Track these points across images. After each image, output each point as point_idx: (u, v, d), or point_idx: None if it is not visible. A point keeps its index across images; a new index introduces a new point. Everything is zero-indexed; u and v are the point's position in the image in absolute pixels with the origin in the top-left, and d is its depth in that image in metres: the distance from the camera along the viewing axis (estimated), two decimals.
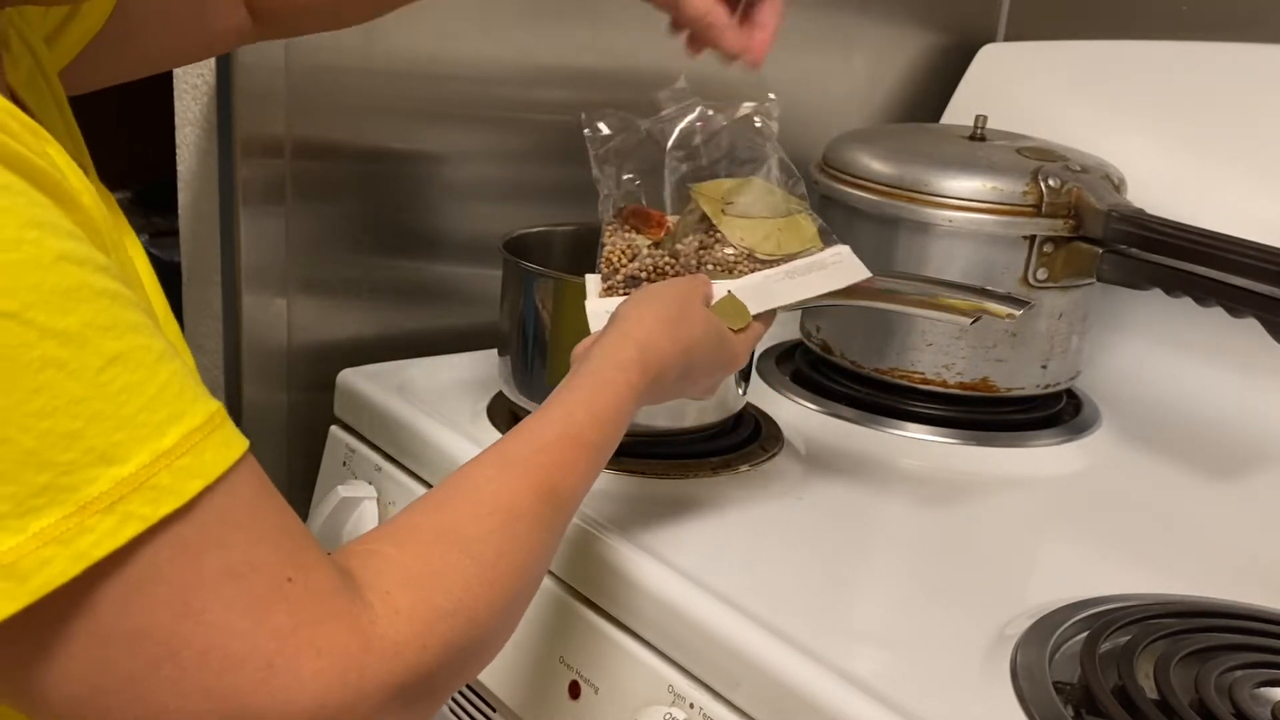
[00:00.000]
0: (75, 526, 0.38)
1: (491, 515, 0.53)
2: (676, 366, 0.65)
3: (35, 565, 0.37)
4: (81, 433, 0.38)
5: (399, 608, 0.46)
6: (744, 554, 0.74)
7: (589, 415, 0.59)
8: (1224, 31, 1.13)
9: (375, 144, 1.01)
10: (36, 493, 0.37)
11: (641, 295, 0.68)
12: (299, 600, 0.43)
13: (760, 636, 0.63)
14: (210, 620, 0.41)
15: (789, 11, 0.92)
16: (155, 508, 0.39)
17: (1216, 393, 1.02)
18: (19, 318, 0.36)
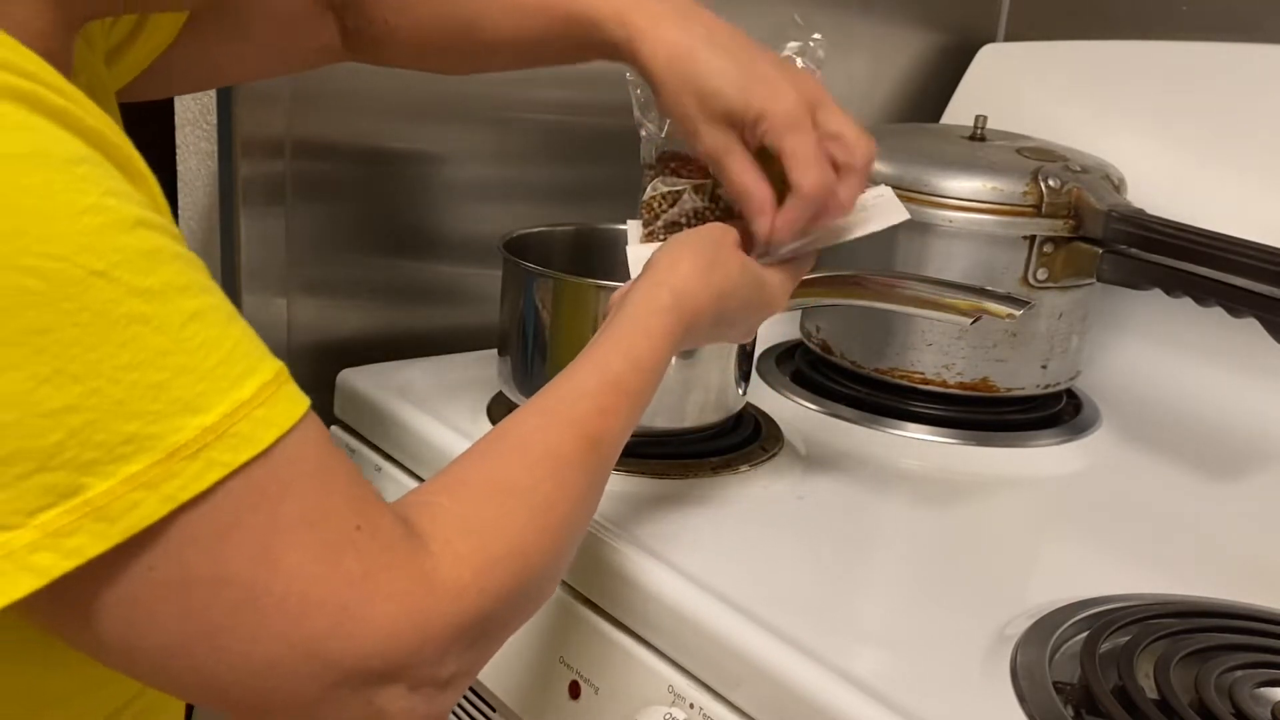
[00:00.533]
0: (163, 472, 0.40)
1: (540, 463, 0.54)
2: (711, 310, 0.65)
3: (125, 508, 0.39)
4: (167, 384, 0.40)
5: (459, 553, 0.48)
6: (744, 554, 0.74)
7: (627, 362, 0.59)
8: (1224, 31, 1.13)
9: (375, 144, 1.01)
10: (125, 440, 0.39)
11: (675, 241, 0.67)
12: (367, 547, 0.45)
13: (760, 636, 0.63)
14: (287, 566, 0.43)
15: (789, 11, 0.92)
16: (235, 454, 0.41)
17: (1216, 393, 1.02)
18: (107, 276, 0.39)
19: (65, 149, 0.40)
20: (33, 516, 0.38)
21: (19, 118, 0.39)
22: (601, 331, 0.62)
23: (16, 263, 0.37)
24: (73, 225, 0.39)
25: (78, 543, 0.39)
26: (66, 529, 0.39)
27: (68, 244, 0.38)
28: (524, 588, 0.51)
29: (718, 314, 0.65)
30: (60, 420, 0.38)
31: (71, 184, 0.39)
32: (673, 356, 0.63)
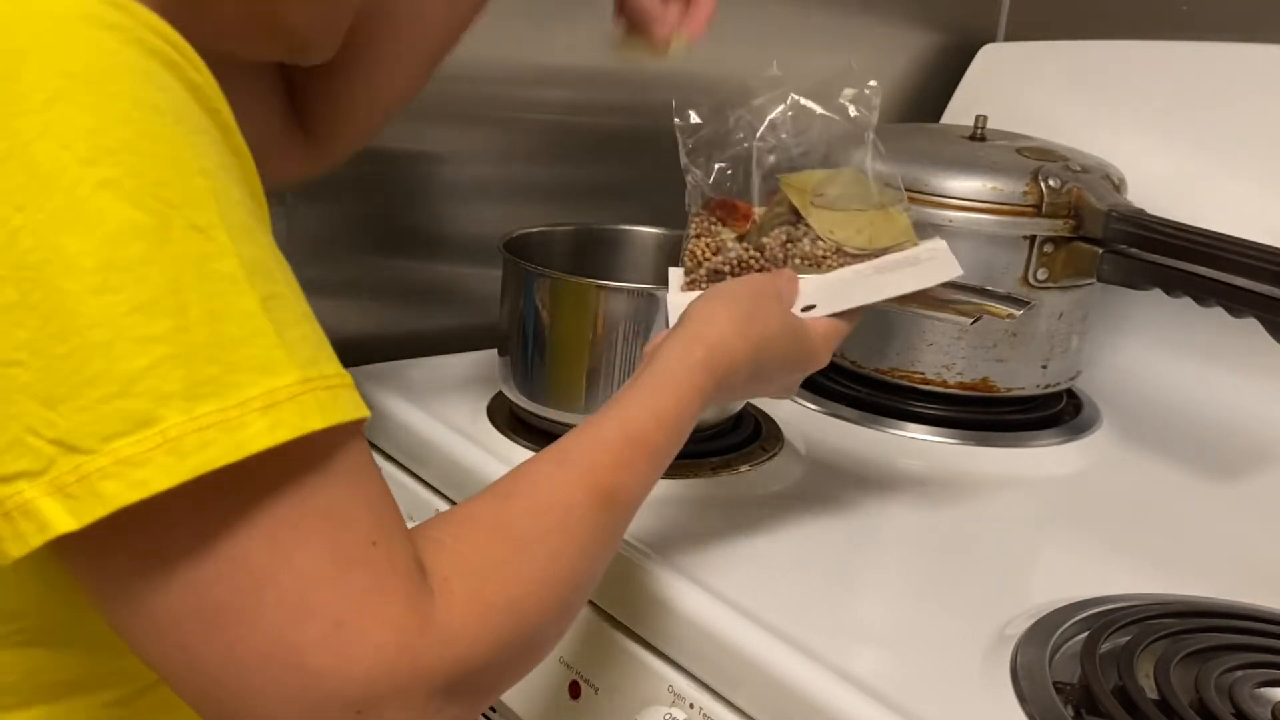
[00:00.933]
0: (236, 418, 0.40)
1: (548, 514, 0.53)
2: (747, 366, 0.63)
3: (197, 445, 0.40)
4: (247, 340, 0.41)
5: (455, 598, 0.46)
6: (744, 554, 0.74)
7: (651, 416, 0.58)
8: (1224, 31, 1.13)
9: (375, 144, 1.01)
10: (204, 381, 0.40)
11: (714, 292, 0.66)
12: (378, 566, 0.44)
13: (760, 636, 0.63)
14: (298, 562, 0.42)
15: (790, 11, 0.92)
16: (304, 420, 0.42)
17: (1216, 393, 1.02)
18: (206, 233, 0.41)
19: (194, 118, 0.43)
20: (107, 441, 0.39)
21: (164, 79, 0.42)
22: (631, 382, 0.61)
23: (135, 198, 0.40)
24: (189, 181, 0.41)
25: (145, 474, 0.39)
26: (137, 459, 0.39)
27: (181, 194, 0.41)
28: (518, 642, 0.49)
29: (754, 369, 0.64)
30: (148, 348, 0.39)
31: (193, 145, 0.42)
32: (702, 412, 0.61)
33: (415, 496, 0.87)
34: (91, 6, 0.41)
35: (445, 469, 0.85)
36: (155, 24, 0.43)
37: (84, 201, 0.39)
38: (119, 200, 0.40)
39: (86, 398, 0.39)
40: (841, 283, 0.71)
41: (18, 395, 0.39)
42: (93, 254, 0.39)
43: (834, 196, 0.73)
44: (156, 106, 0.41)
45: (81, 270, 0.39)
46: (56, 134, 0.39)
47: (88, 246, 0.39)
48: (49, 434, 0.39)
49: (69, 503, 0.39)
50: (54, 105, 0.40)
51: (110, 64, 0.41)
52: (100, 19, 0.41)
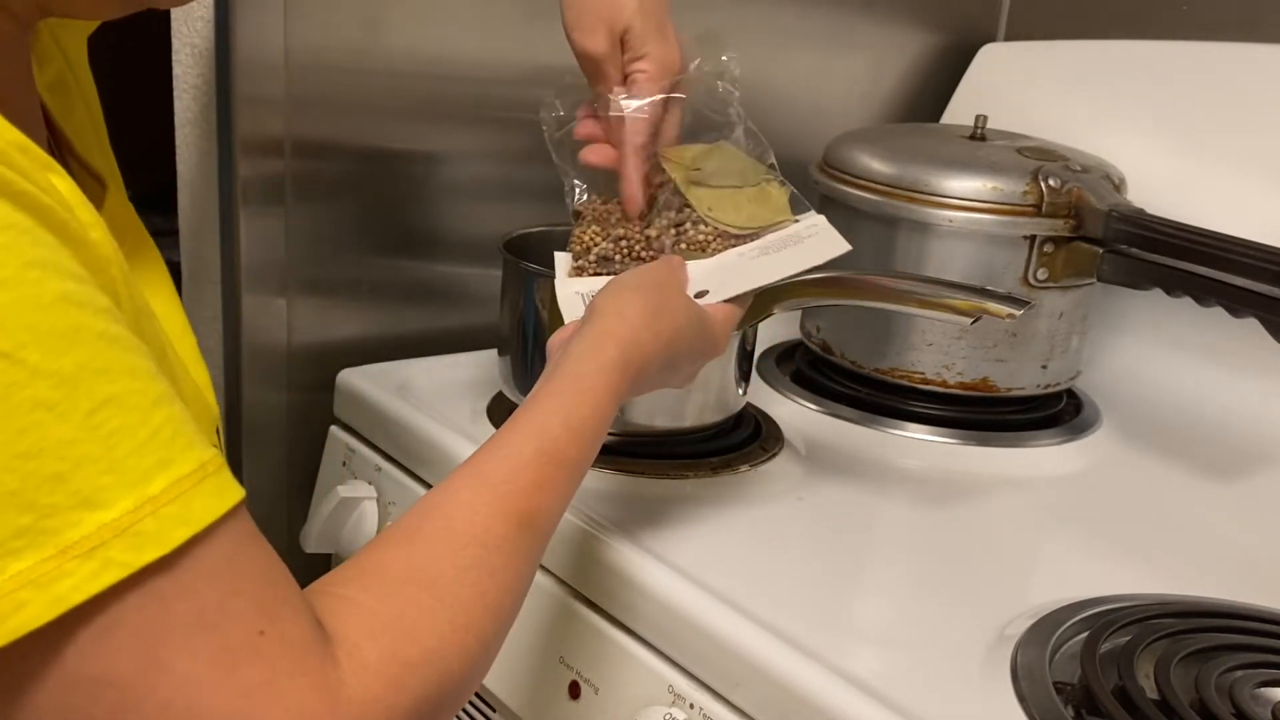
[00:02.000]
0: (54, 570, 0.37)
1: (466, 549, 0.50)
2: (659, 360, 0.63)
3: (11, 608, 0.37)
4: (67, 475, 0.37)
5: (366, 663, 0.44)
6: (744, 554, 0.74)
7: (567, 429, 0.56)
8: (1224, 31, 1.13)
9: (375, 144, 1.01)
10: (17, 534, 0.37)
11: (620, 285, 0.65)
12: (271, 654, 0.41)
13: (760, 636, 0.63)
14: (177, 671, 0.39)
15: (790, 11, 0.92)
16: (137, 554, 0.38)
17: (1216, 393, 1.02)
18: (11, 357, 0.36)
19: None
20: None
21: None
22: (542, 385, 0.59)
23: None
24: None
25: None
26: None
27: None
28: (439, 694, 0.47)
29: (665, 362, 0.63)
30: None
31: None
32: (615, 412, 0.59)
33: (415, 496, 0.87)
34: None
35: (445, 469, 0.85)
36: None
37: None
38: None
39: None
40: (729, 267, 0.71)
41: None
42: None
43: (710, 171, 0.74)
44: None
45: None
46: None
47: None
48: None
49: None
50: None
51: None
52: None
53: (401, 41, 0.99)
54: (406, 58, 0.99)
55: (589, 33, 0.75)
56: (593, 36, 0.75)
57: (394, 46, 0.98)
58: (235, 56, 0.91)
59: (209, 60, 0.95)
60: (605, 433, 0.59)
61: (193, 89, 0.98)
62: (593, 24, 0.75)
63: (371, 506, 0.90)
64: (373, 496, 0.90)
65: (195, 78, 0.97)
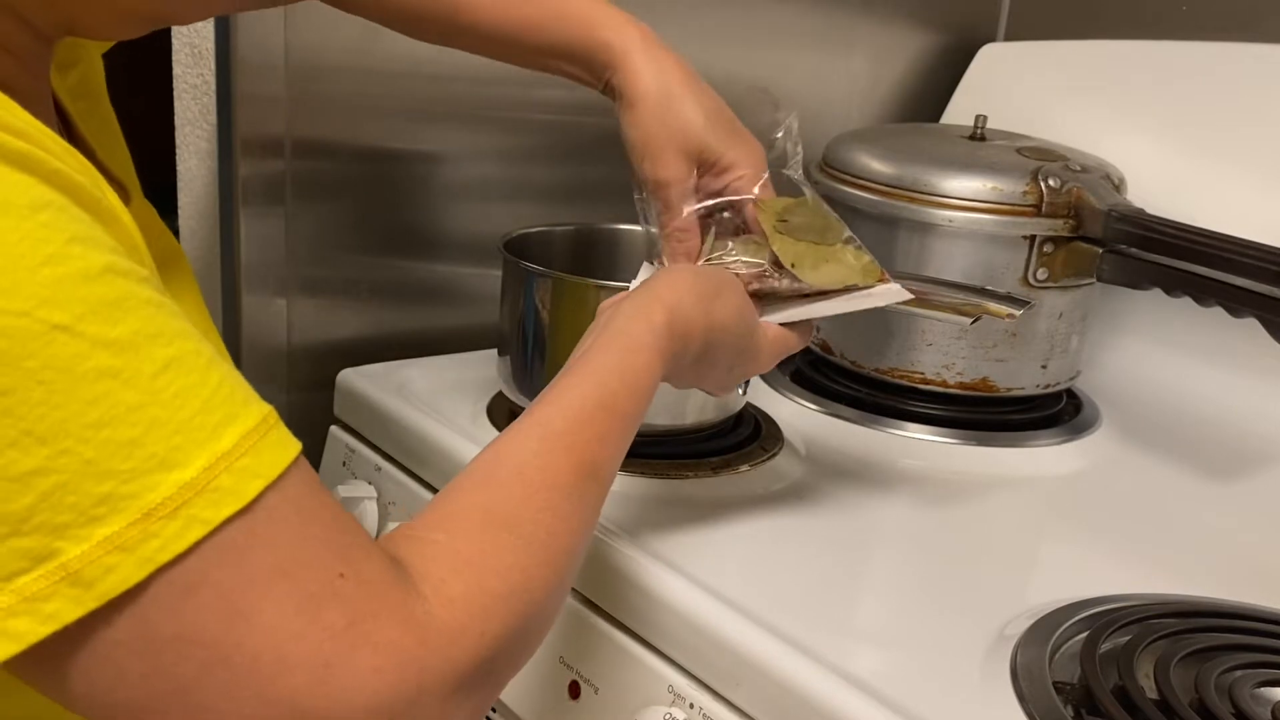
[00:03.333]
0: (139, 533, 0.38)
1: (538, 493, 0.52)
2: (700, 339, 0.62)
3: (100, 572, 0.38)
4: (140, 440, 0.38)
5: (453, 595, 0.45)
6: (744, 554, 0.74)
7: (623, 384, 0.57)
8: (1224, 31, 1.13)
9: (375, 144, 1.01)
10: (99, 501, 0.38)
11: (679, 266, 0.65)
12: (352, 596, 0.42)
13: (760, 636, 0.63)
14: (263, 622, 0.40)
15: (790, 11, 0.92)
16: (217, 510, 0.39)
17: (1216, 393, 1.02)
18: (71, 330, 0.37)
19: (26, 195, 0.38)
20: (9, 581, 0.37)
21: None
22: (593, 342, 0.59)
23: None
24: (33, 277, 0.37)
25: (54, 608, 0.38)
26: (42, 594, 0.38)
27: (28, 297, 0.37)
28: (525, 624, 0.49)
29: (705, 345, 0.63)
30: (29, 484, 0.37)
31: (32, 232, 0.37)
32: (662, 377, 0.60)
33: (415, 496, 0.87)
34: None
35: (445, 469, 0.85)
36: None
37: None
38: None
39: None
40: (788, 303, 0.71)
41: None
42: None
43: (795, 225, 0.73)
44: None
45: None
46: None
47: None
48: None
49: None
50: None
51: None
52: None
53: (401, 41, 0.98)
54: (406, 58, 0.99)
55: (659, 160, 0.70)
56: (665, 163, 0.70)
57: (394, 46, 0.98)
58: (235, 56, 0.91)
59: (209, 60, 0.95)
60: (654, 392, 0.59)
61: (193, 89, 0.98)
62: (662, 149, 0.70)
63: (371, 506, 0.90)
64: (373, 496, 0.90)
65: (195, 78, 0.97)
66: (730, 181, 0.71)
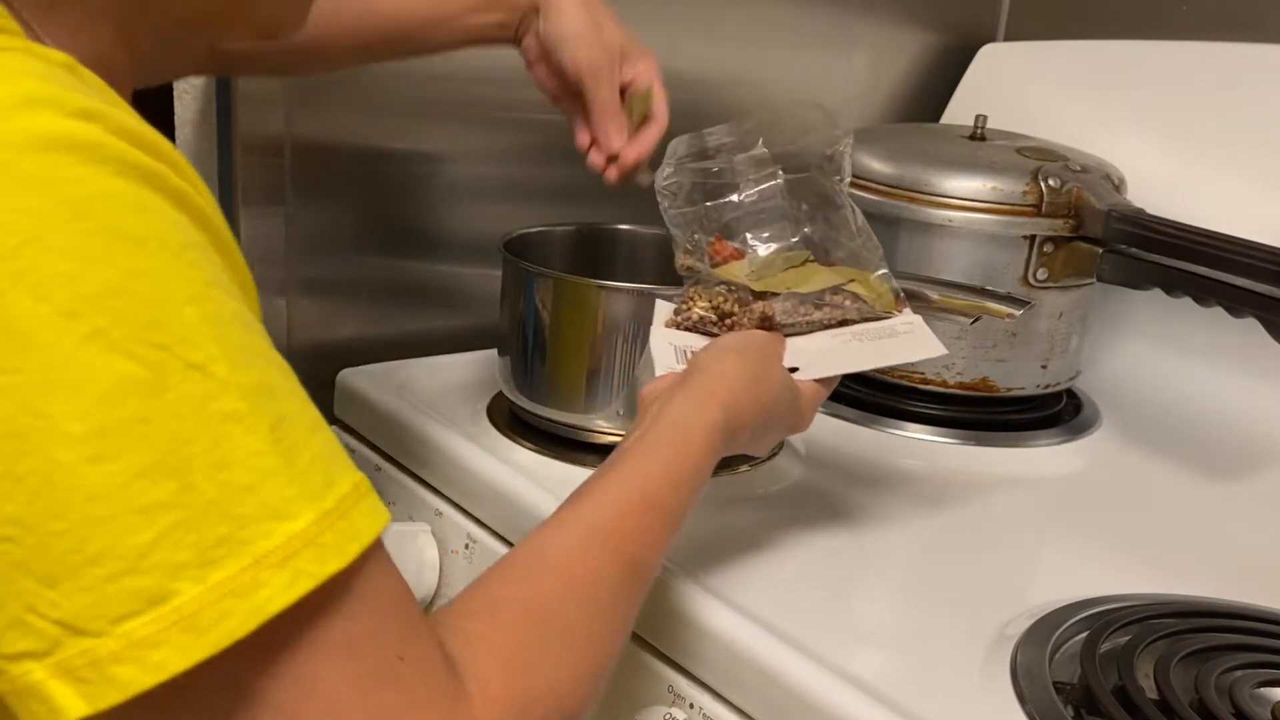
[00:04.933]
0: (250, 580, 0.37)
1: (582, 590, 0.51)
2: (753, 426, 0.63)
3: (215, 617, 0.37)
4: (256, 486, 0.38)
5: (494, 696, 0.45)
6: (743, 554, 0.74)
7: (670, 481, 0.57)
8: (1224, 31, 1.13)
9: (375, 144, 1.01)
10: (217, 543, 0.37)
11: (723, 348, 0.65)
12: (409, 681, 0.42)
13: (760, 636, 0.63)
14: (323, 690, 0.40)
15: (790, 11, 0.91)
16: (322, 565, 0.39)
17: (1216, 393, 1.02)
18: (204, 370, 0.38)
19: (178, 234, 0.39)
20: (117, 624, 0.36)
21: (142, 199, 0.38)
22: (643, 436, 0.59)
23: (125, 347, 0.36)
24: (178, 314, 0.38)
25: (162, 656, 0.36)
26: (152, 639, 0.36)
27: (171, 333, 0.37)
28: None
29: (758, 429, 0.63)
30: (153, 517, 0.36)
31: (180, 271, 0.38)
32: (711, 471, 0.60)
33: (415, 496, 0.87)
34: (58, 125, 0.37)
35: (445, 469, 0.85)
36: (132, 129, 0.39)
37: (69, 359, 0.36)
38: (108, 353, 0.36)
39: (90, 577, 0.36)
40: (822, 348, 0.71)
41: (13, 572, 0.36)
42: (84, 418, 0.36)
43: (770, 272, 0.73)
44: (136, 236, 0.37)
45: (72, 438, 0.35)
46: (30, 284, 0.35)
47: (77, 410, 0.36)
48: (52, 614, 0.36)
49: (81, 687, 0.36)
50: (24, 252, 0.35)
51: (82, 194, 0.37)
52: (68, 140, 0.37)
53: None
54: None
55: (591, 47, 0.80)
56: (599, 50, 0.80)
57: None
58: None
59: None
60: (702, 490, 0.59)
61: (193, 89, 0.98)
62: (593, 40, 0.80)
63: None
64: None
65: (195, 78, 0.97)
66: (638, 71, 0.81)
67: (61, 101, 0.38)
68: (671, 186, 0.75)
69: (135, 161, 0.38)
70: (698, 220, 0.75)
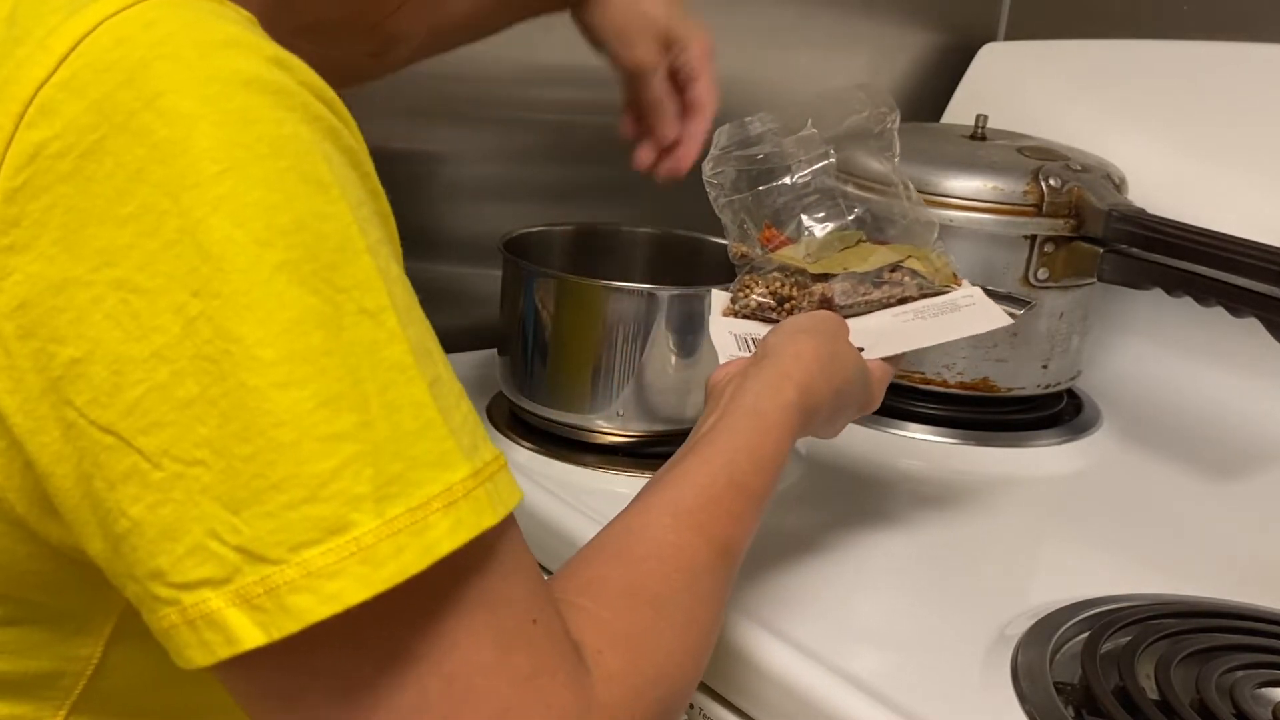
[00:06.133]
0: (422, 520, 0.38)
1: (677, 574, 0.51)
2: (828, 406, 0.62)
3: (391, 551, 0.37)
4: (420, 434, 0.39)
5: (612, 672, 0.45)
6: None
7: (753, 464, 0.56)
8: (1224, 31, 1.13)
9: (375, 144, 1.00)
10: (392, 480, 0.38)
11: (795, 329, 0.65)
12: (540, 644, 0.42)
13: (761, 637, 0.63)
14: (463, 648, 0.40)
15: (790, 11, 0.91)
16: (479, 517, 0.39)
17: (1217, 393, 1.02)
18: (376, 318, 0.39)
19: (355, 190, 0.41)
20: (296, 551, 0.36)
21: (326, 149, 0.40)
22: (719, 419, 0.58)
23: (310, 283, 0.37)
24: (357, 261, 0.39)
25: (338, 587, 0.36)
26: (330, 569, 0.36)
27: (351, 277, 0.38)
28: (667, 712, 0.48)
29: (833, 409, 0.63)
30: (335, 447, 0.37)
31: (358, 222, 0.40)
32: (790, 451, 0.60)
33: None
34: (258, 68, 0.39)
35: None
36: (315, 83, 0.41)
37: (262, 286, 0.37)
38: (296, 285, 0.37)
39: (273, 503, 0.36)
40: (885, 328, 0.70)
41: (199, 497, 0.36)
42: (273, 344, 0.36)
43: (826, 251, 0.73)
44: (323, 182, 0.39)
45: (263, 363, 0.36)
46: (230, 211, 0.37)
47: (268, 336, 0.36)
48: (233, 540, 0.36)
49: (257, 615, 0.36)
50: (226, 179, 0.37)
51: (279, 134, 0.38)
52: (268, 84, 0.39)
53: None
54: None
55: (636, 45, 0.78)
56: (642, 48, 0.78)
57: None
58: None
59: None
60: (782, 470, 0.59)
61: None
62: (637, 35, 0.77)
63: None
64: None
65: None
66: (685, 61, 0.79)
67: (259, 47, 0.39)
68: (718, 177, 0.74)
69: (319, 114, 0.40)
70: (745, 208, 0.74)
